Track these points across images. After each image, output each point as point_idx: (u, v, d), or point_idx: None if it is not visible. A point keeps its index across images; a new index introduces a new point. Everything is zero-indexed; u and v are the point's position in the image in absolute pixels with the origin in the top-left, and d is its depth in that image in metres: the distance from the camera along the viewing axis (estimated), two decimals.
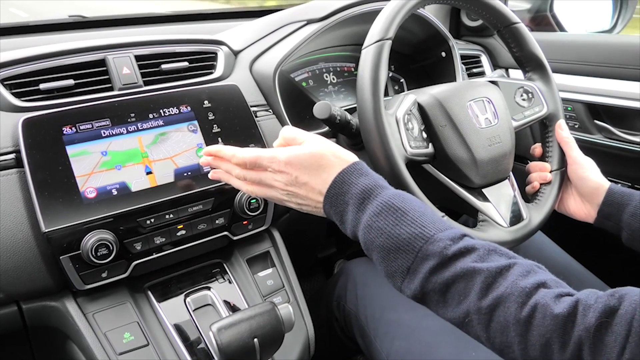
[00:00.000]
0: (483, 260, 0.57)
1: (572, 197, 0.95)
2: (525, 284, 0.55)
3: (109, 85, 0.89)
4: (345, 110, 0.92)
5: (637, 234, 0.84)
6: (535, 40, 0.98)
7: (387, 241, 0.61)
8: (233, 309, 0.87)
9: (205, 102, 0.91)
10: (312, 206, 0.70)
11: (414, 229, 0.60)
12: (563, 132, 0.95)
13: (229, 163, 0.73)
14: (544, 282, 0.55)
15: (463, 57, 1.32)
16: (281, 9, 1.22)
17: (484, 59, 1.47)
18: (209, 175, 0.77)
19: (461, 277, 0.57)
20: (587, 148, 1.21)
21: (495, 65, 1.48)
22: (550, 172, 0.96)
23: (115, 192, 0.79)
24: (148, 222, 0.81)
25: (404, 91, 1.28)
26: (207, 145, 0.87)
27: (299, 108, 1.07)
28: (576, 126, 1.33)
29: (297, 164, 0.67)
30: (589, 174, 0.91)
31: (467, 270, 0.57)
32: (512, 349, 0.55)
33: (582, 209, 0.93)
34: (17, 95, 0.83)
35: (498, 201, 0.89)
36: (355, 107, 0.85)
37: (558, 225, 1.06)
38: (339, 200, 0.66)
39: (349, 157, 0.69)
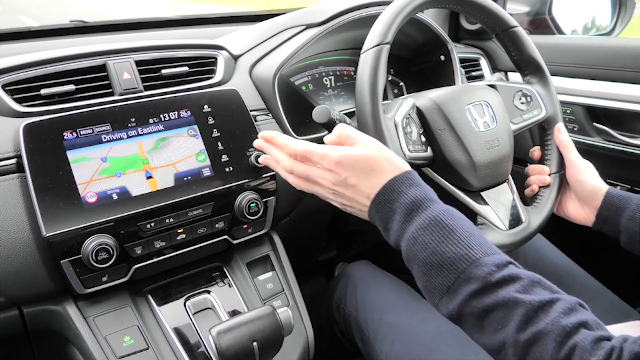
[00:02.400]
0: (526, 291, 0.56)
1: (570, 201, 0.95)
2: (567, 322, 0.53)
3: (110, 90, 0.89)
4: (345, 114, 0.92)
5: (636, 237, 0.84)
6: (533, 43, 0.98)
7: (431, 257, 0.60)
8: (233, 312, 0.88)
9: (205, 106, 0.91)
10: (357, 209, 0.69)
11: (460, 249, 0.59)
12: (562, 136, 0.96)
13: (280, 151, 0.73)
14: (585, 322, 0.54)
15: (462, 60, 1.32)
16: (281, 14, 1.23)
17: (483, 63, 1.48)
18: (260, 159, 0.78)
19: (502, 306, 0.56)
20: (586, 151, 1.22)
21: (495, 69, 1.48)
22: (549, 175, 0.96)
23: (115, 197, 0.79)
24: (148, 226, 0.81)
25: (403, 95, 1.29)
26: (207, 150, 0.88)
27: (298, 112, 1.07)
28: (575, 129, 1.33)
29: (349, 165, 0.67)
30: (587, 178, 0.91)
31: (508, 299, 0.56)
32: None
33: (580, 212, 0.93)
34: (18, 101, 0.83)
35: (497, 204, 0.89)
36: (354, 111, 0.86)
37: (557, 228, 1.06)
38: (386, 207, 0.65)
39: (402, 165, 0.68)
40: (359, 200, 0.68)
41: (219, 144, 0.89)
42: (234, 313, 0.87)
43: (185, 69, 0.97)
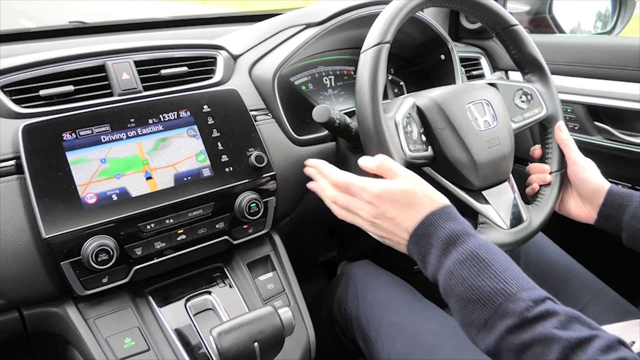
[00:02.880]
0: (564, 327, 0.56)
1: (572, 199, 0.95)
2: None
3: (109, 90, 0.89)
4: (345, 113, 0.92)
5: (638, 235, 0.83)
6: (533, 42, 0.98)
7: (468, 291, 0.61)
8: (233, 313, 0.87)
9: (205, 106, 0.91)
10: (395, 241, 0.71)
11: (497, 283, 0.60)
12: (562, 134, 0.95)
13: (326, 180, 0.77)
14: (626, 359, 0.53)
15: (462, 59, 1.32)
16: (280, 13, 1.22)
17: (484, 62, 1.47)
18: (308, 185, 0.82)
19: (539, 342, 0.55)
20: (587, 149, 1.21)
21: (495, 68, 1.48)
22: (550, 173, 0.96)
23: (115, 198, 0.79)
24: (148, 227, 0.81)
25: (403, 94, 1.28)
26: (207, 150, 0.87)
27: (298, 112, 1.07)
28: (576, 128, 1.33)
29: (388, 199, 0.69)
30: (589, 176, 0.91)
31: (545, 335, 0.55)
32: None
33: (582, 210, 0.93)
34: (17, 102, 0.83)
35: (498, 203, 0.89)
36: (355, 111, 0.85)
37: (559, 226, 1.06)
38: (423, 241, 0.66)
39: (440, 199, 0.70)
40: (397, 234, 0.70)
41: (219, 144, 0.89)
42: (234, 314, 0.87)
43: (185, 69, 0.97)
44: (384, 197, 0.69)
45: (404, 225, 0.68)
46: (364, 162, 0.76)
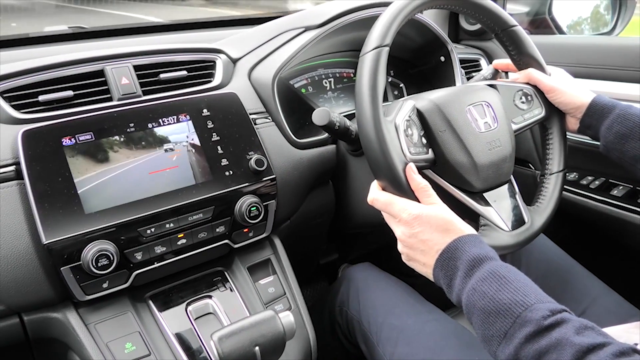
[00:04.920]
0: (578, 333, 0.57)
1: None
2: None
3: (108, 95, 0.89)
4: (345, 116, 0.91)
5: (611, 145, 0.90)
6: (533, 43, 0.98)
7: (489, 304, 0.63)
8: (234, 317, 0.87)
9: (204, 110, 0.91)
10: (422, 263, 0.74)
11: (516, 295, 0.62)
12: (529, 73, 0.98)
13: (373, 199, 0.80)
14: None
15: (462, 61, 1.32)
16: (279, 17, 1.22)
17: (483, 63, 1.47)
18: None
19: (554, 348, 0.57)
20: (587, 150, 1.21)
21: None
22: (551, 174, 0.96)
23: (115, 202, 0.79)
24: (148, 231, 0.81)
25: (403, 96, 1.28)
26: (207, 154, 0.87)
27: (298, 115, 1.07)
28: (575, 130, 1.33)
29: (426, 221, 0.73)
30: (567, 97, 0.95)
31: (560, 341, 0.57)
32: None
33: (569, 121, 0.98)
34: (16, 108, 0.83)
35: (499, 205, 0.89)
36: (355, 113, 0.85)
37: (561, 228, 1.05)
38: (450, 264, 0.69)
39: (468, 229, 0.74)
40: (428, 253, 0.72)
41: (219, 147, 0.89)
42: (235, 318, 0.87)
43: (184, 73, 0.97)
44: (422, 218, 0.73)
45: (435, 247, 0.71)
46: (412, 175, 0.79)
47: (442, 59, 1.22)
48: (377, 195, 0.79)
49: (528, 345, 0.58)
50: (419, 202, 0.76)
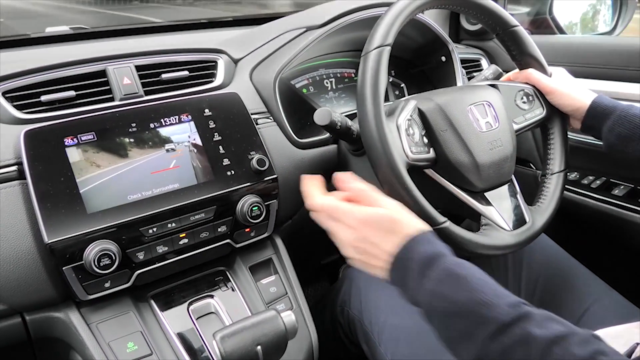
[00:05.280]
0: (540, 327, 0.57)
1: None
2: (583, 353, 0.54)
3: (110, 95, 0.89)
4: (347, 116, 0.92)
5: (613, 147, 0.91)
6: (534, 43, 0.98)
7: (448, 307, 0.62)
8: (236, 316, 0.87)
9: (206, 110, 0.91)
10: (376, 266, 0.72)
11: (473, 294, 0.61)
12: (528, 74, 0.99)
13: (311, 201, 0.77)
14: (602, 351, 0.55)
15: (463, 61, 1.32)
16: (280, 17, 1.22)
17: (484, 63, 1.47)
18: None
19: (518, 344, 0.57)
20: (588, 150, 1.21)
21: None
22: (552, 174, 0.96)
23: (117, 202, 0.79)
24: (150, 231, 0.81)
25: (404, 96, 1.28)
26: (208, 154, 0.87)
27: (299, 115, 1.07)
28: (578, 130, 1.33)
29: (373, 224, 0.70)
30: (566, 100, 0.96)
31: (524, 336, 0.57)
32: None
33: (572, 121, 0.99)
34: (18, 108, 0.83)
35: (500, 205, 0.89)
36: (356, 113, 0.85)
37: (562, 228, 1.05)
38: (402, 265, 0.68)
39: (419, 225, 0.71)
40: (379, 257, 0.70)
41: (220, 147, 0.89)
42: (237, 317, 0.87)
43: (186, 73, 0.97)
44: (368, 222, 0.70)
45: (386, 249, 0.69)
46: (341, 179, 0.77)
47: (443, 59, 1.22)
48: (320, 200, 0.76)
49: (492, 345, 0.58)
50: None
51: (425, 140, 0.87)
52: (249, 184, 0.89)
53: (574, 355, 0.54)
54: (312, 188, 0.79)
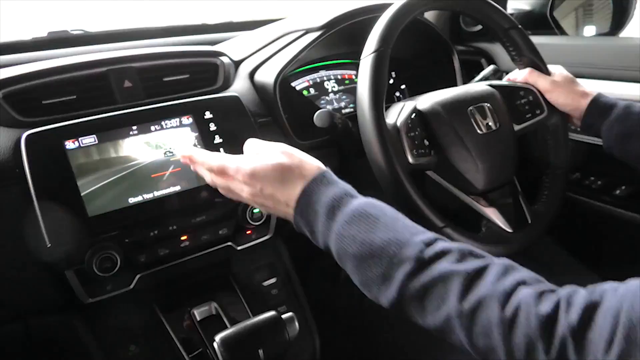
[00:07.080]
0: (459, 261, 0.56)
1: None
2: (505, 283, 0.53)
3: (111, 98, 0.89)
4: (347, 117, 0.92)
5: (613, 145, 0.91)
6: (534, 43, 0.98)
7: (360, 249, 0.59)
8: (238, 319, 0.87)
9: (207, 113, 0.91)
10: (283, 212, 0.68)
11: (387, 233, 0.58)
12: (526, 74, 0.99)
13: (201, 167, 0.72)
14: (523, 280, 0.54)
15: (463, 62, 1.32)
16: (281, 19, 1.23)
17: (484, 63, 1.47)
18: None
19: (439, 281, 0.55)
20: (590, 150, 1.21)
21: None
22: (553, 174, 0.96)
23: (118, 205, 0.79)
24: (151, 233, 0.81)
25: (404, 97, 1.28)
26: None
27: (300, 117, 1.07)
28: (578, 129, 1.33)
29: (261, 176, 0.66)
30: (564, 99, 0.97)
31: (443, 272, 0.55)
32: (497, 352, 0.52)
33: (573, 120, 1.00)
34: (19, 111, 0.83)
35: (502, 206, 0.89)
36: (356, 114, 0.85)
37: (563, 228, 1.05)
38: (308, 211, 0.64)
39: (314, 166, 0.67)
40: (280, 209, 0.67)
41: (221, 150, 0.89)
42: (238, 320, 0.87)
43: (187, 76, 0.97)
44: (256, 175, 0.66)
45: (283, 200, 0.66)
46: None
47: (443, 60, 1.22)
48: (203, 158, 0.71)
49: (411, 284, 0.56)
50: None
51: (426, 142, 0.86)
52: None
53: (497, 285, 0.53)
54: (199, 156, 0.72)
